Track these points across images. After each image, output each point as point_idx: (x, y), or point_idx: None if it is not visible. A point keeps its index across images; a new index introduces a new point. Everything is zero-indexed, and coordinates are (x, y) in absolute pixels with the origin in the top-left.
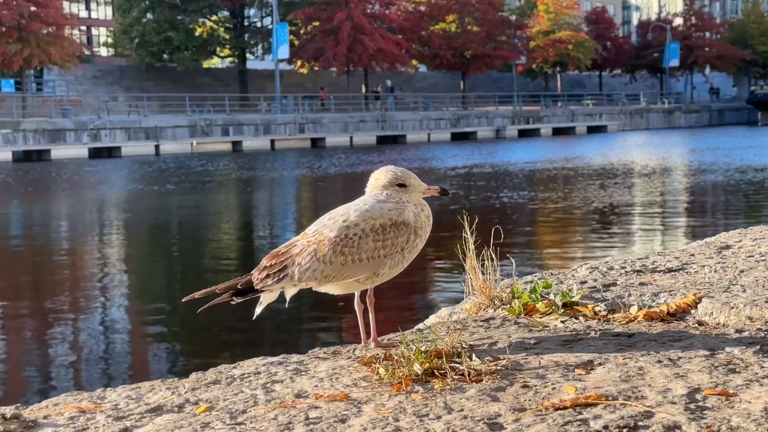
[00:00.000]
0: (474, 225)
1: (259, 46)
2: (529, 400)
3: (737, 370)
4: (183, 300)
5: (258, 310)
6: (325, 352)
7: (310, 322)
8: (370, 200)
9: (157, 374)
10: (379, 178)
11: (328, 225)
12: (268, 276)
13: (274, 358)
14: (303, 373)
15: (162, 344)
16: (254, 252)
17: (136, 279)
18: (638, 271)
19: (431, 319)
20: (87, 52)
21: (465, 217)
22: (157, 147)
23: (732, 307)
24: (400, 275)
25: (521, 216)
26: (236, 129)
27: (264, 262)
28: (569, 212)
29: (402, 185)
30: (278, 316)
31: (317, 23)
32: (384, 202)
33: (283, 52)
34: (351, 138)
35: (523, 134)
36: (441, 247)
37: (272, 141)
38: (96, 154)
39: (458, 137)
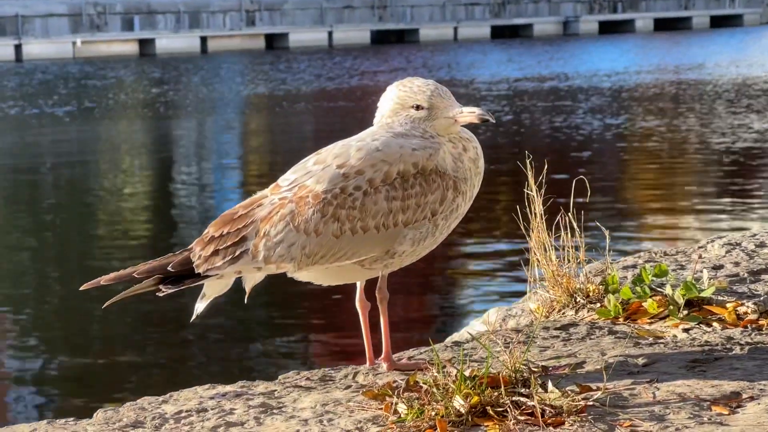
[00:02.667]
0: (543, 175)
1: None
2: None
3: None
4: (82, 288)
5: (199, 307)
6: (308, 378)
7: (283, 329)
8: (383, 133)
9: (43, 411)
10: (387, 98)
11: (314, 172)
12: (216, 253)
13: (229, 387)
14: (275, 410)
15: (48, 365)
16: (181, 221)
17: None
18: None
19: (475, 326)
20: None
21: (528, 161)
22: (17, 48)
23: None
24: (428, 256)
25: (613, 161)
26: (145, 20)
27: (210, 230)
28: (688, 155)
29: (419, 107)
30: (232, 317)
31: None
32: (405, 137)
33: None
34: (330, 34)
35: (608, 29)
36: (488, 209)
37: (203, 39)
38: None
39: (503, 33)
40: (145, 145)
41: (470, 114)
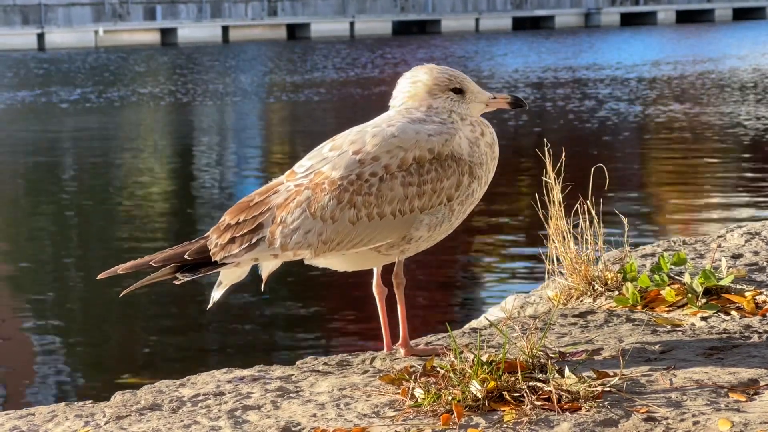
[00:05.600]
0: (561, 163)
1: None
2: None
3: None
4: (99, 277)
5: (216, 294)
6: (325, 363)
7: (300, 315)
8: (399, 118)
9: (61, 393)
10: (417, 81)
11: (330, 159)
12: (233, 240)
13: (246, 371)
14: (292, 394)
15: (67, 349)
16: (200, 208)
17: (14, 249)
18: None
19: (492, 313)
20: None
21: (546, 149)
22: (40, 37)
23: None
24: (446, 242)
25: (631, 150)
26: (167, 9)
27: (227, 218)
28: (708, 145)
29: (459, 90)
30: (249, 303)
31: None
32: (422, 122)
33: None
34: (352, 24)
35: (630, 21)
36: (506, 196)
37: (224, 28)
38: None
39: (524, 24)
40: (166, 134)
41: (503, 99)
